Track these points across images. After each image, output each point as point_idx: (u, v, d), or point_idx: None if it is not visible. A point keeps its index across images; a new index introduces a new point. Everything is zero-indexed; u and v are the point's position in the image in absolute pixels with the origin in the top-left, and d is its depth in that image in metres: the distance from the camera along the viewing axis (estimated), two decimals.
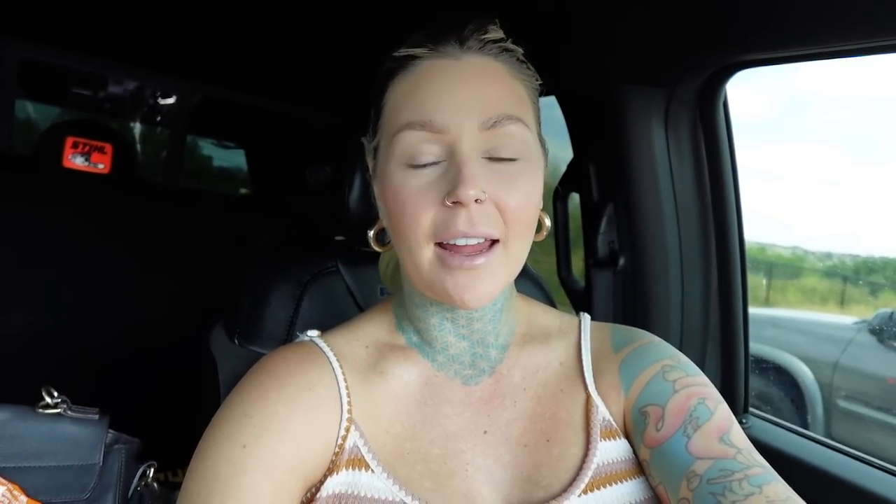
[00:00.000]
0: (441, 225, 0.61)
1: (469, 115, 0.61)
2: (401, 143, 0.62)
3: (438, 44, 0.64)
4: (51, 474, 0.83)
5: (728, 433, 0.64)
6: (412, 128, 0.62)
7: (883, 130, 2.41)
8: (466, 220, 0.60)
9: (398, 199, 0.62)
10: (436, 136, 0.61)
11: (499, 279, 0.63)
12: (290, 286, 0.96)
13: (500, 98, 0.63)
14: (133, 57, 2.10)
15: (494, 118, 0.62)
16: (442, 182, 0.61)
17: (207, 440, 0.62)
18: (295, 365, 0.68)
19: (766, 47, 0.98)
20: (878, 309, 2.65)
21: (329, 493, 0.63)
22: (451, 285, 0.62)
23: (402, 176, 0.62)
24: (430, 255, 0.62)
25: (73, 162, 1.78)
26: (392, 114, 0.65)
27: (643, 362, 0.71)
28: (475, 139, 0.61)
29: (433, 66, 0.64)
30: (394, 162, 0.63)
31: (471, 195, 0.59)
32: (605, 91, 1.20)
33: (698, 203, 1.22)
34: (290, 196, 2.31)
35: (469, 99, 0.62)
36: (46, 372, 1.05)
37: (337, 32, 1.76)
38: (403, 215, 0.62)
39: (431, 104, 0.62)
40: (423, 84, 0.63)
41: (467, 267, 0.61)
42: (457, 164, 0.60)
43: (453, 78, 0.63)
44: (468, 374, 0.71)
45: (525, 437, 0.70)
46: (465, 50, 0.64)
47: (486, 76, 0.64)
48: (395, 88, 0.65)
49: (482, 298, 0.62)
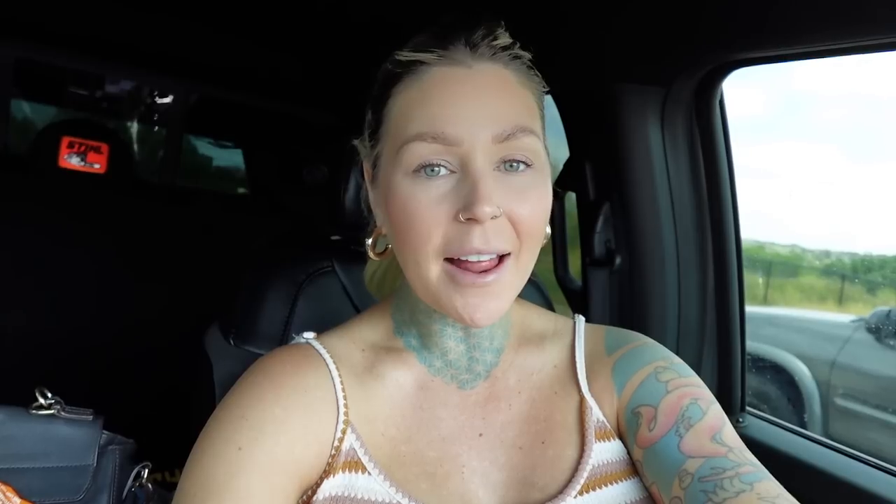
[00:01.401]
0: (454, 241, 0.59)
1: (483, 127, 0.59)
2: (410, 153, 0.60)
3: (447, 48, 0.62)
4: (45, 475, 0.83)
5: (720, 432, 0.64)
6: (423, 139, 0.59)
7: (880, 129, 2.41)
8: (481, 236, 0.58)
9: (406, 211, 0.60)
10: (448, 149, 0.59)
11: (508, 295, 0.63)
12: (286, 286, 0.95)
13: (512, 109, 0.62)
14: (130, 56, 2.09)
15: (508, 131, 0.60)
16: (454, 196, 0.59)
17: (203, 442, 0.62)
18: (291, 367, 0.67)
19: (762, 46, 0.98)
20: (875, 307, 2.66)
21: (326, 495, 0.63)
22: (461, 304, 0.60)
23: (411, 188, 0.60)
24: (437, 271, 0.61)
25: (69, 162, 1.78)
26: (399, 123, 0.62)
27: (636, 364, 0.71)
28: (488, 152, 0.60)
29: (443, 74, 0.61)
30: (401, 173, 0.61)
31: (487, 212, 0.57)
32: (602, 90, 1.20)
33: (694, 201, 1.22)
34: (287, 195, 2.31)
35: (482, 111, 0.60)
36: (40, 372, 1.05)
37: (334, 31, 1.76)
38: (412, 229, 0.60)
39: (443, 115, 0.59)
40: (433, 93, 0.61)
41: (479, 285, 0.60)
42: (471, 178, 0.58)
43: (465, 88, 0.61)
44: (464, 378, 0.71)
45: (520, 440, 0.70)
46: (476, 57, 0.62)
47: (498, 86, 0.62)
48: (401, 95, 0.63)
49: (492, 317, 0.61)
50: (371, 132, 0.68)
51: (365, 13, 1.56)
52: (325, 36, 1.82)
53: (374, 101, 0.68)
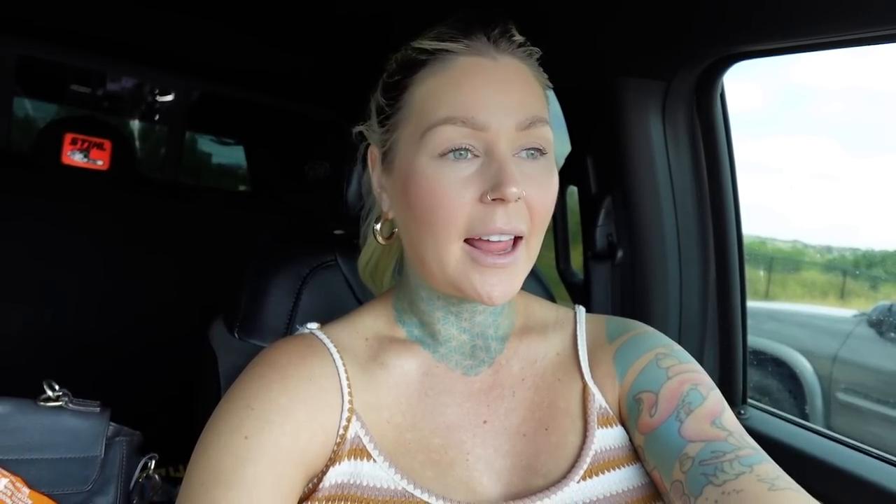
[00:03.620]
0: (478, 221, 0.62)
1: (508, 115, 0.63)
2: (438, 136, 0.62)
3: (472, 40, 0.65)
4: (53, 466, 0.83)
5: (720, 417, 0.65)
6: (453, 122, 0.62)
7: (879, 123, 2.41)
8: (504, 216, 0.62)
9: (433, 193, 0.62)
10: (475, 133, 0.62)
11: (521, 276, 0.66)
12: (290, 280, 0.96)
13: (532, 100, 0.66)
14: (131, 53, 2.10)
15: (530, 119, 0.64)
16: (479, 179, 0.62)
17: (210, 431, 0.63)
18: (296, 357, 0.68)
19: (764, 38, 0.98)
20: (877, 302, 2.66)
21: (332, 482, 0.63)
22: (481, 283, 0.63)
23: (438, 170, 0.63)
24: (458, 252, 0.63)
25: (71, 158, 1.79)
26: (425, 106, 0.65)
27: (637, 351, 0.72)
28: (511, 138, 0.63)
29: (471, 64, 0.64)
30: (427, 155, 0.63)
31: (514, 193, 0.60)
32: (603, 84, 1.20)
33: (696, 195, 1.22)
34: (289, 192, 2.31)
35: (508, 100, 0.64)
36: (47, 367, 1.05)
37: (335, 26, 1.76)
38: (439, 209, 0.62)
39: (473, 102, 0.62)
40: (462, 81, 0.64)
41: (499, 265, 0.63)
42: (497, 161, 0.62)
43: (493, 78, 0.64)
44: (468, 365, 0.72)
45: (524, 427, 0.71)
46: (499, 50, 0.65)
47: (520, 78, 0.66)
48: (425, 81, 0.65)
49: (508, 294, 0.64)
50: (384, 118, 0.69)
51: (366, 8, 1.56)
52: (325, 31, 1.82)
53: (389, 87, 0.69)
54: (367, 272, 0.83)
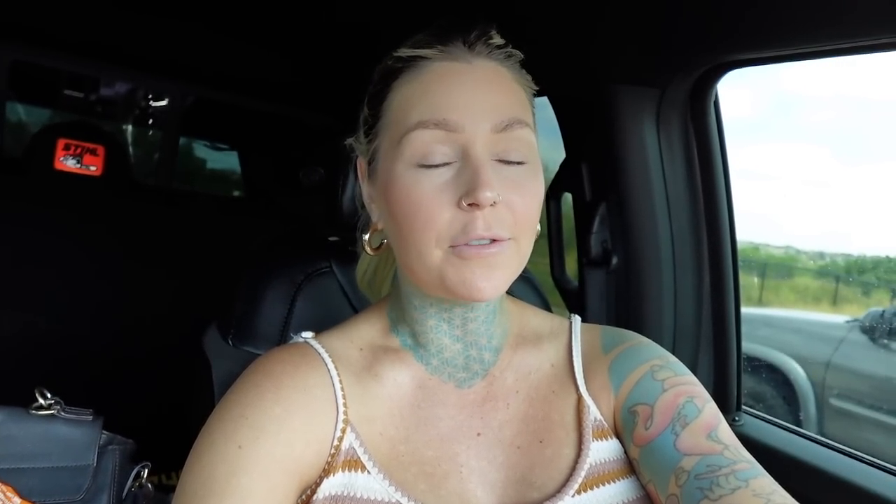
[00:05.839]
0: (458, 228, 0.60)
1: (483, 116, 0.61)
2: (412, 142, 0.61)
3: (446, 45, 0.64)
4: (45, 475, 0.83)
5: (716, 430, 0.64)
6: (425, 126, 0.61)
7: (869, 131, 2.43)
8: (483, 222, 0.60)
9: (410, 200, 0.61)
10: (449, 136, 0.61)
11: (510, 271, 0.64)
12: (284, 287, 0.96)
13: (509, 102, 0.64)
14: (125, 58, 2.09)
15: (506, 121, 0.62)
16: (455, 184, 0.60)
17: (204, 440, 0.62)
18: (291, 366, 0.67)
19: (758, 47, 0.99)
20: (869, 307, 2.68)
21: (326, 494, 0.63)
22: (468, 274, 0.61)
23: (414, 176, 0.61)
24: (441, 255, 0.62)
25: (64, 164, 1.78)
26: (400, 114, 0.64)
27: (632, 363, 0.72)
28: (488, 141, 0.62)
29: (444, 68, 0.63)
30: (403, 163, 0.62)
31: (489, 197, 0.59)
32: (597, 91, 1.20)
33: (690, 202, 1.23)
34: (283, 197, 2.31)
35: (482, 101, 0.62)
36: (40, 373, 1.05)
37: (329, 33, 1.76)
38: (417, 217, 0.61)
39: (445, 104, 0.61)
40: (434, 85, 0.63)
41: (483, 255, 0.61)
42: (472, 165, 0.60)
43: (465, 80, 0.63)
44: (462, 377, 0.71)
45: (518, 439, 0.70)
46: (474, 54, 0.64)
47: (496, 80, 0.64)
48: (401, 89, 0.65)
49: (498, 287, 0.62)
50: (368, 128, 0.69)
51: (359, 16, 1.57)
52: (320, 38, 1.82)
53: (371, 97, 0.69)
54: (365, 281, 0.83)
